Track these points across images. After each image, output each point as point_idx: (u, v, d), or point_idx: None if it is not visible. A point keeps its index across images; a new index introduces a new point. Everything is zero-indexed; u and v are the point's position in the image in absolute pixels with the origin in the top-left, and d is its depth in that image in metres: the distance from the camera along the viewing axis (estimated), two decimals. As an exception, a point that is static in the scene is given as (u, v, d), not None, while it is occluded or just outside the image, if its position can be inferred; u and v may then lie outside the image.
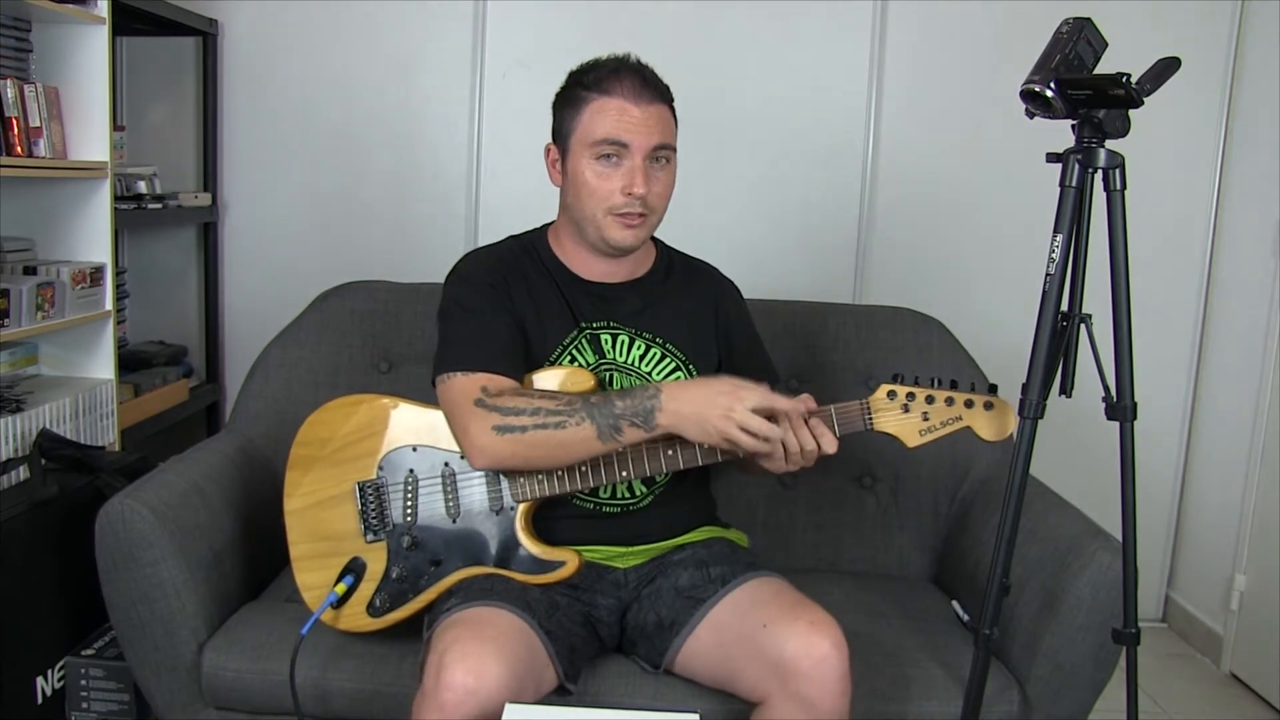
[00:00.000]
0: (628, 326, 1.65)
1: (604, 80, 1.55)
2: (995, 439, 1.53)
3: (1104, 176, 1.44)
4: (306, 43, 2.76)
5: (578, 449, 1.48)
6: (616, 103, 1.53)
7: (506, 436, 1.47)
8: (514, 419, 1.47)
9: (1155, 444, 2.82)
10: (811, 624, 1.40)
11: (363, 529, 1.60)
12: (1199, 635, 2.77)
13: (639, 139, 1.53)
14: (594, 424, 1.46)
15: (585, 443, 1.47)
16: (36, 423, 2.02)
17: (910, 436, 1.53)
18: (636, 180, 1.54)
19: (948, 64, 2.75)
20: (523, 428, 1.47)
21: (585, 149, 1.55)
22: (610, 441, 1.47)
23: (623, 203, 1.55)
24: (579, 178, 1.56)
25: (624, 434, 1.47)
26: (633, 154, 1.54)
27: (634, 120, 1.53)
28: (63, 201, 2.24)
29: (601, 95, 1.54)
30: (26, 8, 2.05)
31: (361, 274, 2.26)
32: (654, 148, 1.55)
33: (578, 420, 1.46)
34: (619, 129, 1.53)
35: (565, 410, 1.47)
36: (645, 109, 1.54)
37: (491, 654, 1.32)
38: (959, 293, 2.78)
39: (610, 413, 1.46)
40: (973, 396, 1.53)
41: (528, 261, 1.67)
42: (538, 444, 1.47)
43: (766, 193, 2.80)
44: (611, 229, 1.57)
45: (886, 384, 1.53)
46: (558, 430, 1.47)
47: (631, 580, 1.61)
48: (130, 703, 1.78)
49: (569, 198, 1.61)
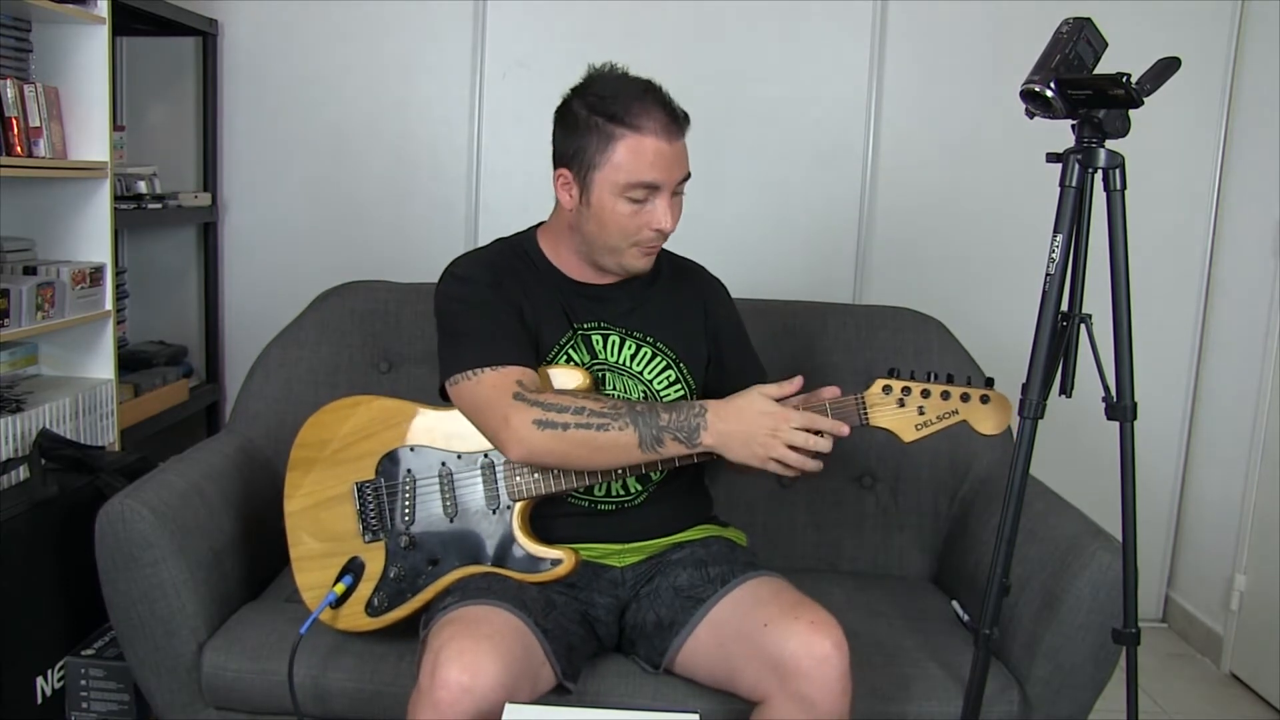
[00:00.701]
0: (618, 327, 1.65)
1: (635, 115, 1.50)
2: (992, 433, 1.52)
3: (1104, 176, 1.44)
4: (306, 43, 2.76)
5: (616, 454, 1.48)
6: (651, 143, 1.50)
7: (547, 432, 1.47)
8: (556, 415, 1.47)
9: (1155, 444, 2.82)
10: (812, 623, 1.40)
11: (361, 529, 1.61)
12: (1199, 635, 2.77)
13: (670, 177, 1.53)
14: (637, 432, 1.46)
15: (625, 449, 1.47)
16: (36, 423, 2.02)
17: (906, 431, 1.52)
18: (668, 219, 1.54)
19: (948, 64, 2.75)
20: (564, 425, 1.46)
21: (616, 188, 1.52)
22: (650, 452, 1.47)
23: (651, 237, 1.56)
24: (605, 212, 1.54)
25: (665, 446, 1.46)
26: (664, 191, 1.53)
27: (667, 160, 1.52)
28: (63, 201, 2.24)
29: (633, 133, 1.50)
30: (26, 8, 2.05)
31: (361, 274, 2.26)
32: (680, 181, 1.56)
33: (621, 425, 1.46)
34: (653, 171, 1.51)
35: (610, 413, 1.47)
36: (675, 145, 1.53)
37: (487, 652, 1.32)
38: (959, 293, 2.78)
39: (655, 423, 1.46)
40: (969, 390, 1.52)
41: (519, 264, 1.66)
42: (578, 443, 1.47)
43: (766, 193, 2.80)
44: (632, 259, 1.59)
45: (882, 379, 1.52)
46: (600, 432, 1.46)
47: (629, 579, 1.61)
48: (130, 703, 1.78)
49: (588, 226, 1.57)
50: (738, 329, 1.79)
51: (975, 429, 1.52)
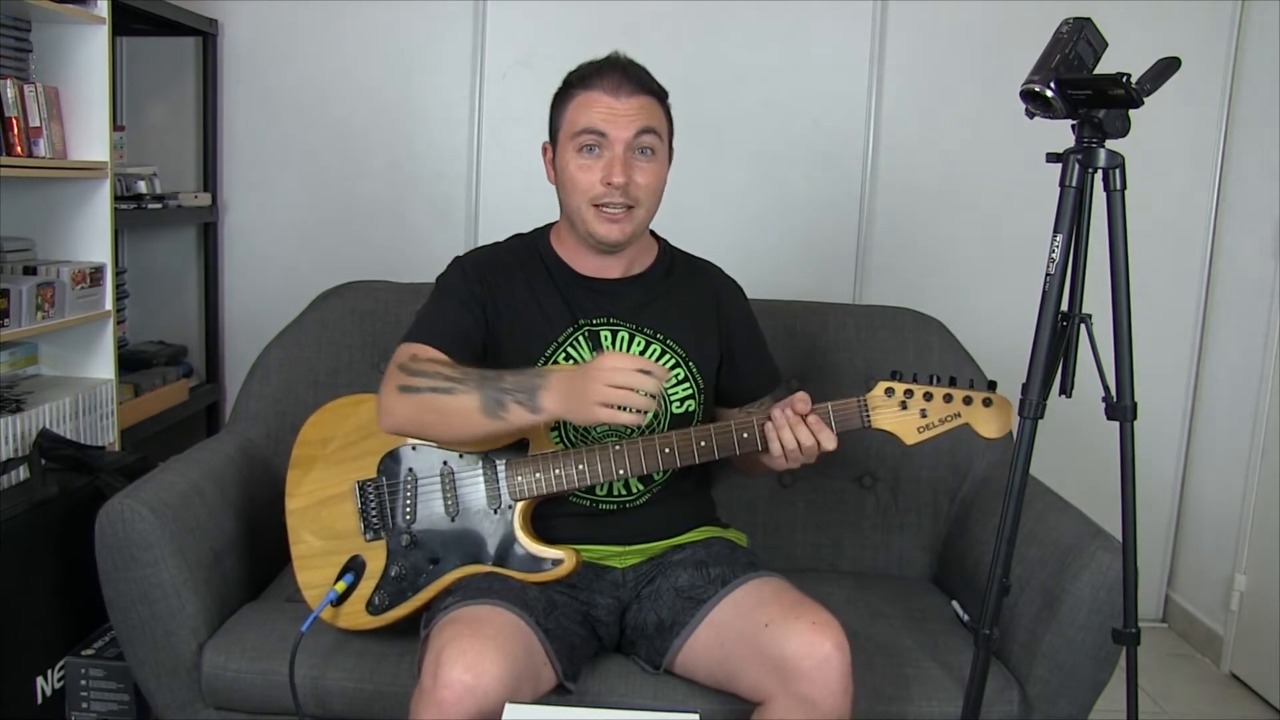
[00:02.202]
0: (628, 322, 1.65)
1: (588, 76, 1.58)
2: (994, 436, 1.53)
3: (1104, 176, 1.44)
4: (306, 42, 2.76)
5: (462, 419, 1.46)
6: (597, 94, 1.56)
7: (405, 396, 1.48)
8: (416, 380, 1.48)
9: (1155, 444, 2.82)
10: (813, 624, 1.40)
11: (362, 528, 1.61)
12: (1199, 635, 2.77)
13: (617, 129, 1.54)
14: (480, 395, 1.44)
15: (469, 414, 1.45)
16: (36, 423, 2.02)
17: (908, 434, 1.53)
18: (615, 170, 1.54)
19: (948, 64, 2.75)
20: (419, 389, 1.47)
21: (568, 141, 1.58)
22: (494, 418, 1.44)
23: (603, 193, 1.56)
24: (564, 171, 1.59)
25: (509, 410, 1.43)
26: (612, 144, 1.55)
27: (613, 111, 1.55)
28: (63, 201, 2.24)
29: (584, 89, 1.57)
30: (26, 8, 2.05)
31: (361, 274, 2.26)
32: (634, 135, 1.55)
33: (465, 389, 1.45)
34: (597, 118, 1.55)
35: (459, 378, 1.47)
36: (626, 100, 1.55)
37: (489, 652, 1.32)
38: (959, 293, 2.78)
39: (498, 386, 1.44)
40: (971, 393, 1.53)
41: (529, 258, 1.68)
42: (429, 408, 1.47)
43: (766, 193, 2.80)
44: (594, 223, 1.58)
45: (884, 381, 1.53)
46: (446, 395, 1.46)
47: (630, 580, 1.61)
48: (130, 703, 1.78)
49: (561, 194, 1.63)
50: (752, 329, 1.78)
51: (977, 432, 1.53)
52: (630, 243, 1.63)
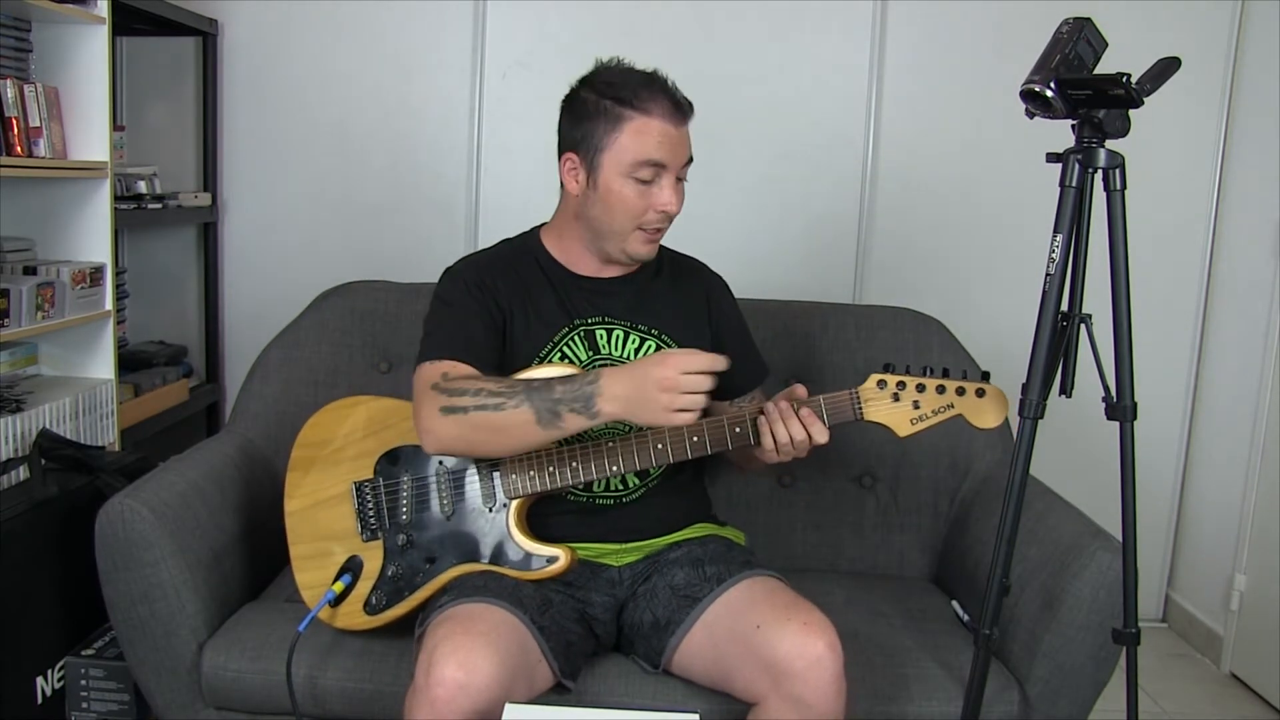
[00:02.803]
0: (622, 321, 1.66)
1: (643, 99, 1.54)
2: (988, 427, 1.52)
3: (1104, 176, 1.44)
4: (306, 43, 2.76)
5: (517, 433, 1.45)
6: (658, 124, 1.53)
7: (450, 418, 1.46)
8: (459, 399, 1.46)
9: (1155, 444, 2.82)
10: (805, 625, 1.40)
11: (360, 528, 1.61)
12: (1199, 635, 2.77)
13: (675, 159, 1.56)
14: (532, 408, 1.43)
15: (524, 427, 1.44)
16: (36, 423, 2.02)
17: (901, 426, 1.53)
18: (674, 200, 1.56)
19: (948, 64, 2.75)
20: (464, 409, 1.45)
21: (623, 167, 1.54)
22: (551, 428, 1.43)
23: (656, 219, 1.57)
24: (612, 194, 1.55)
25: (564, 420, 1.43)
26: (668, 173, 1.56)
27: (673, 141, 1.55)
28: (63, 201, 2.24)
29: (642, 115, 1.53)
30: (26, 8, 2.05)
31: (361, 274, 2.26)
32: (684, 165, 1.58)
33: (516, 403, 1.44)
34: (660, 151, 1.53)
35: (505, 393, 1.45)
36: (680, 129, 1.56)
37: (483, 649, 1.33)
38: (959, 293, 2.78)
39: (549, 398, 1.43)
40: (964, 384, 1.52)
41: (521, 260, 1.67)
42: (479, 426, 1.45)
43: (766, 192, 2.80)
44: (636, 244, 1.59)
45: (876, 374, 1.53)
46: (496, 412, 1.44)
47: (626, 578, 1.62)
48: (130, 703, 1.78)
49: (594, 210, 1.59)
50: (740, 324, 1.79)
51: (971, 423, 1.52)
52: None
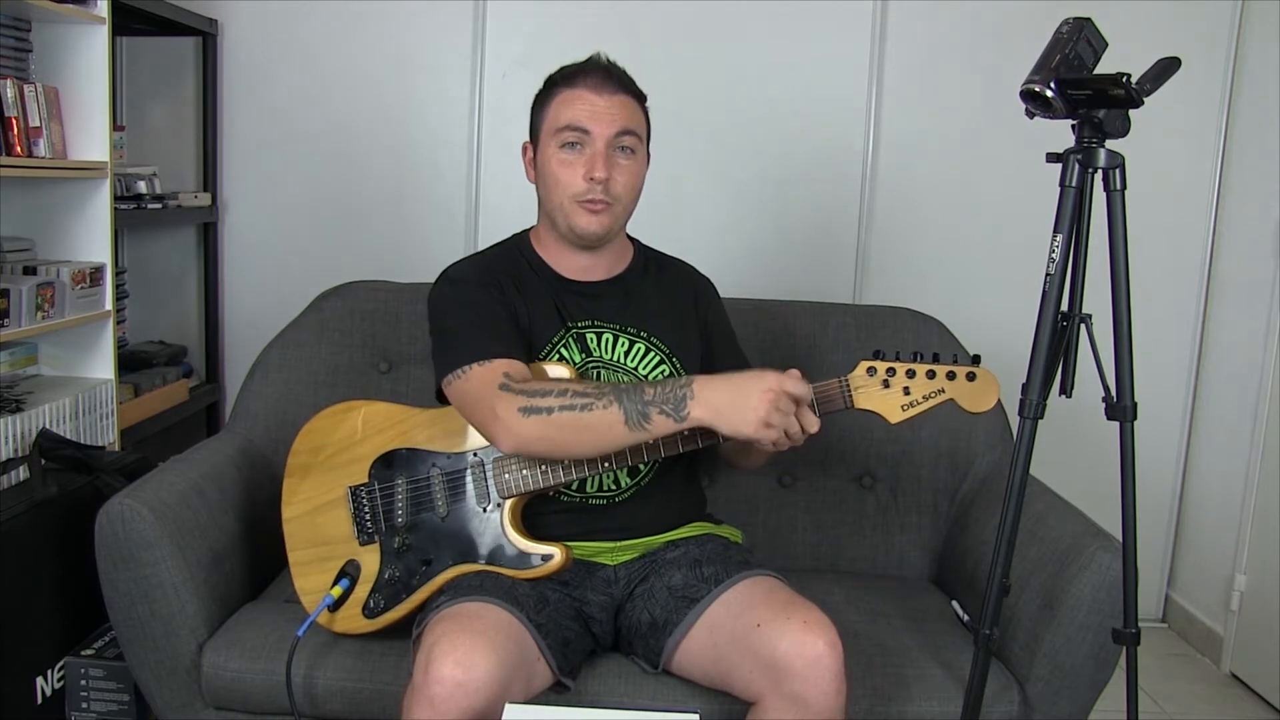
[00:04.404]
0: (612, 324, 1.66)
1: (570, 75, 1.61)
2: (980, 410, 1.51)
3: (1104, 176, 1.44)
4: (306, 43, 2.76)
5: (605, 434, 1.46)
6: (579, 92, 1.59)
7: (533, 418, 1.46)
8: (540, 400, 1.46)
9: (1155, 444, 2.82)
10: (805, 623, 1.40)
11: (356, 532, 1.61)
12: (1199, 635, 2.77)
13: (600, 126, 1.57)
14: (621, 408, 1.44)
15: (612, 427, 1.45)
16: (36, 423, 2.02)
17: (892, 412, 1.51)
18: (597, 165, 1.57)
19: (948, 64, 2.75)
20: (549, 409, 1.46)
21: (551, 138, 1.60)
22: (638, 429, 1.44)
23: (585, 189, 1.58)
24: (546, 168, 1.61)
25: (653, 422, 1.44)
26: (594, 140, 1.57)
27: (596, 108, 1.57)
28: (63, 201, 2.24)
29: (566, 87, 1.60)
30: (26, 8, 2.05)
31: (361, 274, 2.26)
32: (616, 134, 1.58)
33: (605, 404, 1.45)
34: (579, 115, 1.57)
35: (593, 393, 1.46)
36: (608, 98, 1.58)
37: (480, 647, 1.32)
38: (959, 293, 2.78)
39: (640, 399, 1.44)
40: (954, 368, 1.51)
41: (512, 264, 1.68)
42: (565, 425, 1.45)
43: (766, 193, 2.80)
44: (576, 216, 1.60)
45: (866, 360, 1.51)
46: (584, 413, 1.45)
47: (622, 577, 1.61)
48: (130, 703, 1.78)
49: (541, 190, 1.65)
50: (726, 326, 1.80)
51: (963, 407, 1.51)
52: (609, 239, 1.65)
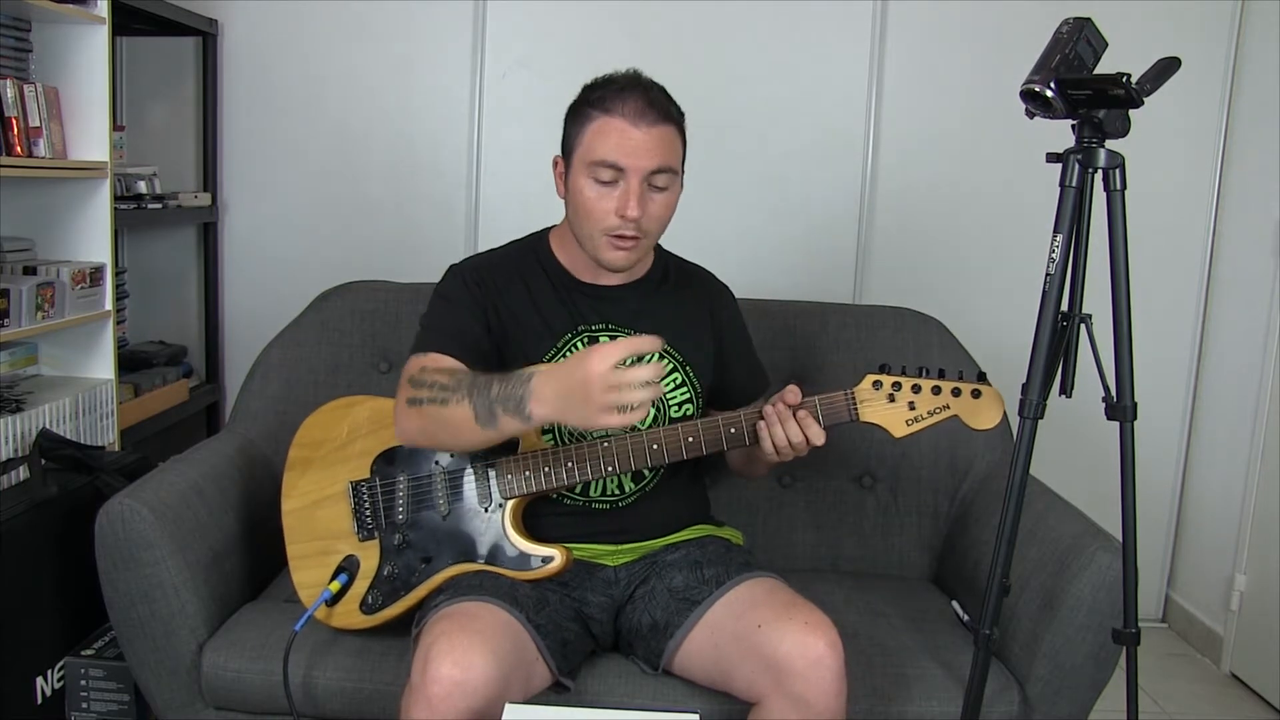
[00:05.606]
0: (625, 328, 1.65)
1: (609, 98, 1.51)
2: (985, 428, 1.52)
3: (1104, 176, 1.44)
4: (306, 43, 2.76)
5: (463, 431, 1.42)
6: (617, 123, 1.49)
7: (413, 410, 1.47)
8: (419, 391, 1.46)
9: (1155, 444, 2.82)
10: (806, 624, 1.40)
11: (356, 528, 1.61)
12: (1199, 635, 2.77)
13: (636, 162, 1.49)
14: (472, 405, 1.40)
15: (466, 423, 1.40)
16: (36, 423, 2.02)
17: (897, 427, 1.52)
18: (630, 204, 1.50)
19: (948, 64, 2.75)
20: (421, 400, 1.46)
21: (584, 168, 1.52)
22: (490, 428, 1.39)
23: (616, 225, 1.52)
24: (577, 196, 1.54)
25: (500, 421, 1.38)
26: (629, 177, 1.50)
27: (633, 143, 1.49)
28: (63, 201, 2.24)
29: (604, 114, 1.51)
30: (26, 8, 2.05)
31: (361, 274, 2.26)
32: (651, 171, 1.51)
33: (459, 399, 1.42)
34: (616, 152, 1.49)
35: (452, 386, 1.43)
36: (646, 131, 1.50)
37: (478, 647, 1.33)
38: (959, 293, 2.78)
39: (487, 396, 1.39)
40: (960, 385, 1.52)
41: (528, 263, 1.67)
42: (431, 418, 1.45)
43: (766, 192, 2.80)
44: (604, 249, 1.56)
45: (872, 374, 1.52)
46: (443, 407, 1.43)
47: (622, 578, 1.61)
48: (130, 703, 1.78)
49: (570, 213, 1.59)
50: (742, 334, 1.79)
51: (967, 424, 1.52)
52: (632, 266, 1.62)
